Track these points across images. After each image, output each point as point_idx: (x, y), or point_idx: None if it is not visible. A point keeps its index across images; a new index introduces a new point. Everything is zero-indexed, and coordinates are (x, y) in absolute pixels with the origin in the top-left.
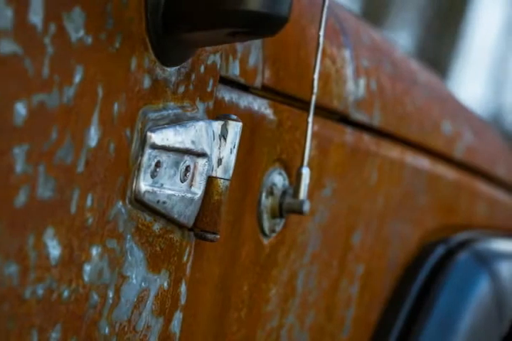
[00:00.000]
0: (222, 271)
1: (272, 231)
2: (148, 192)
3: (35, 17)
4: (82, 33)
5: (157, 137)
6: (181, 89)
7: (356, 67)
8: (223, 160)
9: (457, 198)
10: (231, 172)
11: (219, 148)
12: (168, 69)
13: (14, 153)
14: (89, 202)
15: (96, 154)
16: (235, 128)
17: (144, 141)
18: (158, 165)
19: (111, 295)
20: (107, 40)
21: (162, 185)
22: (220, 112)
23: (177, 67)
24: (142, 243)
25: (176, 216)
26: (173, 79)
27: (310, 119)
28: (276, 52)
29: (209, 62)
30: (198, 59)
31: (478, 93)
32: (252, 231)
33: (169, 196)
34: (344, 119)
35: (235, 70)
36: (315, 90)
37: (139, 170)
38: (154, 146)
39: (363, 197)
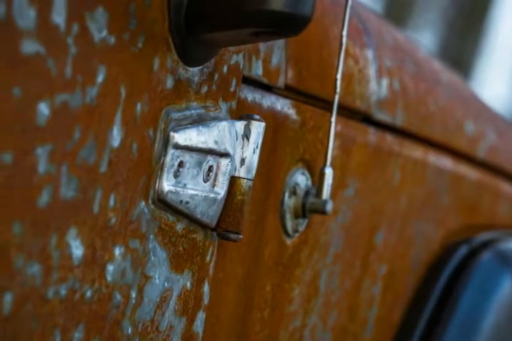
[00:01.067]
0: (245, 271)
1: (295, 231)
2: (171, 192)
3: (58, 17)
4: (105, 33)
5: (180, 137)
6: (204, 89)
7: (379, 67)
8: (246, 160)
9: (480, 198)
10: (254, 172)
11: (242, 148)
12: (191, 69)
13: (37, 153)
14: (112, 202)
15: (119, 154)
16: (257, 128)
17: (166, 141)
18: (181, 165)
19: (134, 295)
20: (130, 40)
21: (185, 185)
22: (243, 112)
23: (200, 67)
24: (165, 243)
25: (198, 216)
26: (196, 79)
27: (333, 119)
28: (299, 52)
29: (232, 62)
30: (221, 59)
31: (502, 93)
32: (275, 232)
33: (192, 196)
34: (367, 119)
35: (257, 70)
36: (338, 90)
37: (161, 170)
38: (177, 146)
39: (385, 197)
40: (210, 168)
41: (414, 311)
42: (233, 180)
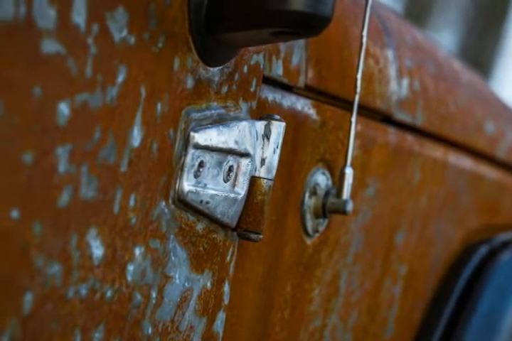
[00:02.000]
0: (266, 270)
1: (315, 231)
2: (192, 192)
3: (78, 17)
4: (125, 32)
5: (200, 137)
6: (224, 89)
7: (399, 67)
8: (266, 160)
9: (500, 198)
10: (274, 172)
11: (262, 148)
12: (212, 69)
13: (57, 153)
14: (132, 202)
15: (139, 154)
16: (278, 128)
17: (187, 141)
18: (201, 165)
19: (154, 295)
20: (150, 40)
21: (205, 185)
22: (263, 112)
23: (220, 67)
24: (185, 243)
25: (219, 216)
26: (217, 79)
27: (353, 119)
28: (319, 52)
29: (252, 62)
30: (241, 59)
31: None
32: (295, 232)
33: (212, 196)
34: (387, 119)
35: (278, 70)
36: (358, 90)
37: (182, 170)
38: (197, 146)
39: (406, 197)
40: (231, 168)
41: (434, 311)
42: (253, 180)
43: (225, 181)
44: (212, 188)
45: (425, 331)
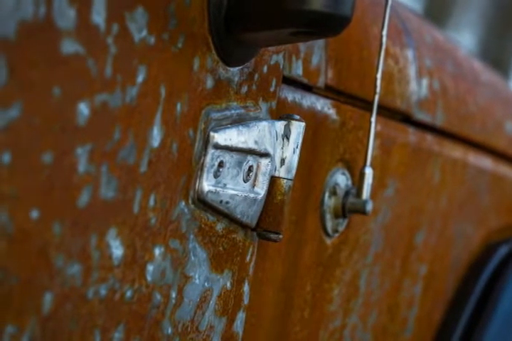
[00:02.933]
0: (285, 270)
1: (335, 231)
2: (211, 192)
3: (98, 17)
4: (144, 33)
5: (220, 137)
6: (244, 89)
7: (419, 67)
8: (286, 160)
9: None
10: (294, 172)
11: (282, 148)
12: (231, 69)
13: (77, 153)
14: (152, 202)
15: (159, 154)
16: (297, 128)
17: (206, 141)
18: (221, 165)
19: (174, 295)
20: (170, 40)
21: (225, 185)
22: (283, 112)
23: (240, 67)
24: (205, 243)
25: (239, 216)
26: (236, 79)
27: (373, 119)
28: (339, 52)
29: (272, 62)
30: (261, 59)
31: None
32: (315, 231)
33: (232, 196)
34: (407, 119)
35: (298, 70)
36: (378, 90)
37: (201, 170)
38: (217, 146)
39: (425, 196)
40: (250, 168)
41: (454, 311)
42: (273, 180)
43: (245, 181)
44: (232, 188)
45: (445, 331)
